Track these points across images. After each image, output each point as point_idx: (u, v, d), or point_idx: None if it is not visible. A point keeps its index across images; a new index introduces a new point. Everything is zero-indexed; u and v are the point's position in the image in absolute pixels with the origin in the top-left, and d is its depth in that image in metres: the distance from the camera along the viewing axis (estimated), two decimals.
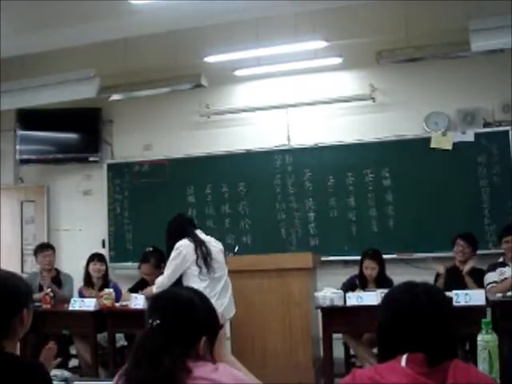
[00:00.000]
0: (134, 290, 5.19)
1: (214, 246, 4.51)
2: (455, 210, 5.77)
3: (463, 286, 4.58)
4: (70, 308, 4.94)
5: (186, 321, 1.67)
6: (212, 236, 4.66)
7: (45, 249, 5.60)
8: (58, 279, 5.53)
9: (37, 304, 4.82)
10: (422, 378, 1.50)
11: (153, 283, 4.94)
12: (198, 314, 1.70)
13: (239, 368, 1.85)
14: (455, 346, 1.64)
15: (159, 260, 5.13)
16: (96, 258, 5.44)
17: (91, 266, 5.38)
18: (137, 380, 1.59)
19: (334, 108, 6.35)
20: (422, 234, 5.85)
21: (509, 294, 4.28)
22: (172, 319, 1.66)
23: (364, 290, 4.74)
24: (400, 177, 6.03)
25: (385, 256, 5.16)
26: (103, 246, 6.76)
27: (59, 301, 5.21)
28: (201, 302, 1.75)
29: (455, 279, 4.80)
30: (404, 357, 1.54)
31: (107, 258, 6.09)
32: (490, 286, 4.59)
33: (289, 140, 6.46)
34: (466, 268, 4.79)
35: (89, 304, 4.90)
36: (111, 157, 7.06)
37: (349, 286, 4.90)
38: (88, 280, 5.41)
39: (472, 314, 3.85)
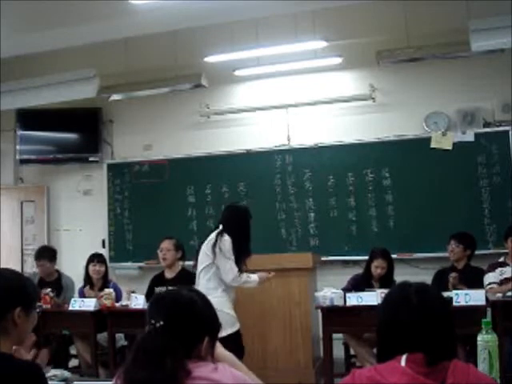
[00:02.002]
0: (151, 290, 5.10)
1: (206, 243, 4.43)
2: (455, 209, 5.77)
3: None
4: (70, 308, 4.94)
5: (189, 322, 1.67)
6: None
7: (39, 259, 5.46)
8: (59, 283, 5.46)
9: (37, 304, 4.82)
10: (421, 378, 1.50)
11: (167, 262, 5.04)
12: (200, 314, 1.71)
13: (239, 367, 1.85)
14: (454, 346, 1.64)
15: (181, 245, 5.17)
16: (95, 259, 5.41)
17: (91, 268, 5.36)
18: (138, 380, 1.58)
19: (334, 108, 6.35)
20: (422, 234, 5.85)
21: (509, 293, 4.28)
22: (175, 320, 1.66)
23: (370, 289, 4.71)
24: (400, 177, 6.03)
25: None
26: (103, 246, 6.76)
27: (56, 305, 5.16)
28: (202, 302, 1.75)
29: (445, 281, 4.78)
30: (404, 357, 1.55)
31: (107, 258, 6.08)
32: (489, 286, 4.58)
33: (289, 140, 6.46)
34: (452, 281, 4.69)
35: (89, 304, 4.90)
36: (111, 157, 7.06)
37: (354, 285, 4.88)
38: (88, 280, 5.40)
39: (472, 314, 3.86)
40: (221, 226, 4.38)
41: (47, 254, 5.55)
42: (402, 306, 1.63)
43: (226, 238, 4.30)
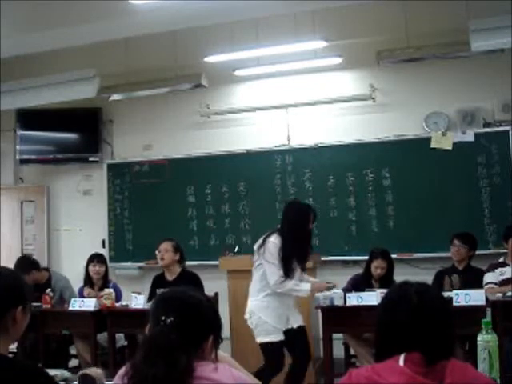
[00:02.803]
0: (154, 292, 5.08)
1: (258, 242, 4.22)
2: (455, 209, 5.77)
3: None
4: (70, 308, 4.94)
5: (197, 320, 1.69)
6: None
7: (25, 269, 5.15)
8: (48, 285, 5.31)
9: (37, 304, 4.82)
10: (420, 378, 1.50)
11: (165, 263, 4.97)
12: (206, 313, 1.73)
13: (237, 368, 1.85)
14: (452, 345, 1.63)
15: (179, 247, 5.10)
16: (95, 259, 5.40)
17: (90, 268, 5.35)
18: (151, 377, 1.56)
19: (334, 108, 6.35)
20: (422, 234, 5.85)
21: (509, 293, 4.28)
22: (185, 318, 1.68)
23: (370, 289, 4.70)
24: (400, 177, 6.03)
25: None
26: (103, 246, 6.76)
27: None
28: (206, 302, 1.78)
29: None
30: (402, 356, 1.55)
31: (107, 257, 6.08)
32: (487, 286, 4.57)
33: (289, 140, 6.46)
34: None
35: (89, 304, 4.91)
36: (111, 157, 7.06)
37: (354, 286, 4.88)
38: (88, 280, 5.39)
39: (472, 314, 3.86)
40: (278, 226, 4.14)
41: (20, 266, 5.23)
42: (402, 306, 1.63)
43: (272, 240, 4.03)
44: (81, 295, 5.30)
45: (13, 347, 1.97)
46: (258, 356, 4.94)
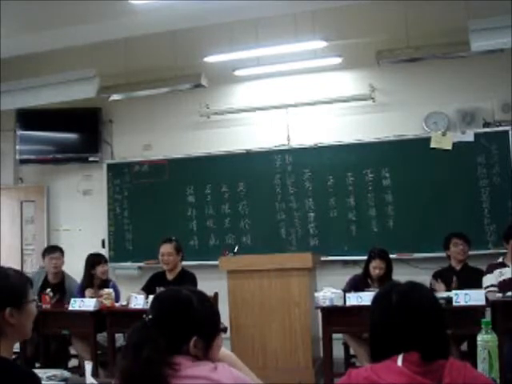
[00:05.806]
0: (149, 287, 5.10)
1: None
2: (455, 210, 5.77)
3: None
4: (70, 308, 4.94)
5: (177, 318, 1.69)
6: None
7: (52, 251, 5.53)
8: (62, 286, 5.44)
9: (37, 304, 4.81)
10: (419, 378, 1.50)
11: (170, 267, 4.97)
12: (192, 313, 1.71)
13: (240, 367, 1.85)
14: (447, 344, 1.63)
15: (180, 247, 5.13)
16: (102, 260, 5.43)
17: (99, 269, 5.31)
18: (122, 370, 1.63)
19: (333, 108, 6.35)
20: (422, 234, 5.85)
21: (509, 293, 4.27)
22: (164, 315, 1.69)
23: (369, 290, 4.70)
24: (400, 177, 6.03)
25: None
26: (103, 246, 6.76)
27: None
28: (199, 302, 1.74)
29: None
30: (400, 356, 1.55)
31: (107, 257, 6.07)
32: (487, 290, 4.54)
33: (289, 140, 6.46)
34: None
35: (89, 304, 4.90)
36: (111, 157, 7.06)
37: (353, 286, 4.89)
38: (91, 282, 5.37)
39: (472, 314, 3.86)
40: None
41: (59, 247, 5.66)
42: (382, 306, 1.64)
43: None
44: (82, 296, 5.28)
45: (16, 347, 1.93)
46: (258, 356, 4.96)
